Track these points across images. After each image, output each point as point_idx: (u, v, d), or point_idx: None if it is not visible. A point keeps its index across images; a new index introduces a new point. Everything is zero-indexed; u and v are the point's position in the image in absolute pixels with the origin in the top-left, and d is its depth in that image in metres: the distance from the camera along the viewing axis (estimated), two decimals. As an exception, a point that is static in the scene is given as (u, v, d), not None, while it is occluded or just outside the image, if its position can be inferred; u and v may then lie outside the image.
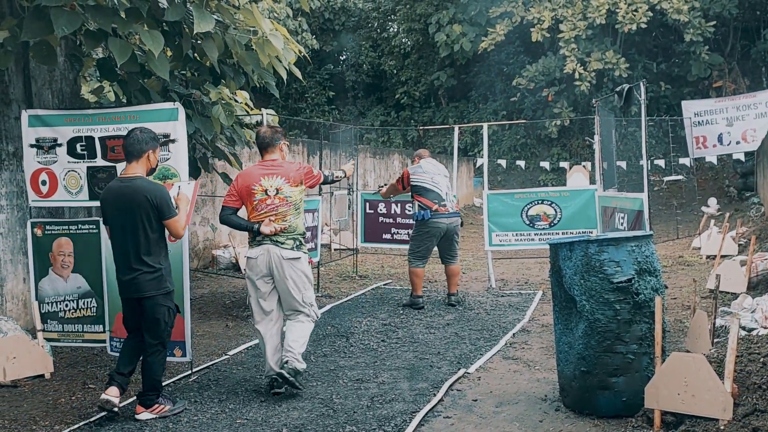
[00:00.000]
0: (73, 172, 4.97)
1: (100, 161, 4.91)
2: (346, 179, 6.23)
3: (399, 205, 8.81)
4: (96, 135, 4.89)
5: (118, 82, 5.77)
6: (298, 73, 6.17)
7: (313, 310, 4.58)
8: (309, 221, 7.35)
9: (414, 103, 23.09)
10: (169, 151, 4.70)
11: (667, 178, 16.11)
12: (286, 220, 4.46)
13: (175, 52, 5.62)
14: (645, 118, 6.88)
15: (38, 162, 5.02)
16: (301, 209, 4.62)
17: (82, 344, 5.20)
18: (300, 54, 6.11)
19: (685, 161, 13.93)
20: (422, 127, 18.49)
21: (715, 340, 4.90)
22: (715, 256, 7.91)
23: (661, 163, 14.00)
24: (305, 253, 4.60)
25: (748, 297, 6.02)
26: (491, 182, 16.46)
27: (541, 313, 6.76)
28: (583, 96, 17.58)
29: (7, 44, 4.86)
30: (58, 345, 5.25)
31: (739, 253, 8.76)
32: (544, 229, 8.11)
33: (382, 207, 8.95)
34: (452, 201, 7.11)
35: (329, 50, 23.26)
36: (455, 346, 5.58)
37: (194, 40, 5.40)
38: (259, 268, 4.45)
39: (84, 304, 5.07)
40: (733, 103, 15.93)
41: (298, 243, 4.52)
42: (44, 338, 5.06)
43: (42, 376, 4.84)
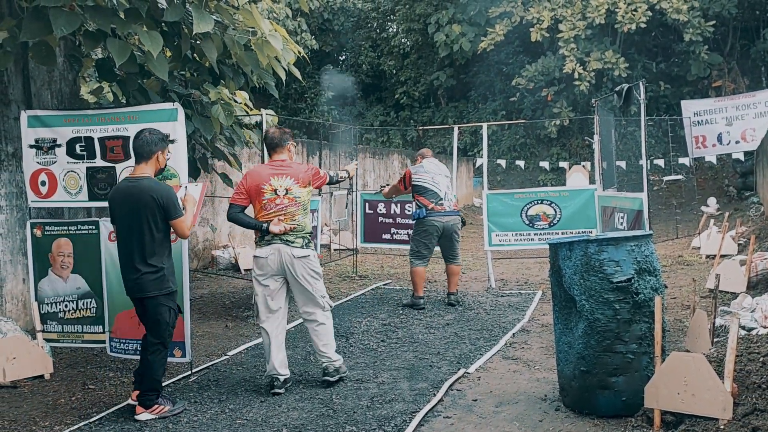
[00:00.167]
0: (73, 172, 4.97)
1: (99, 162, 4.91)
2: (349, 179, 6.29)
3: (399, 205, 8.81)
4: (95, 135, 4.89)
5: (117, 83, 5.77)
6: (297, 74, 6.17)
7: (326, 301, 4.69)
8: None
9: (413, 103, 23.10)
10: (168, 152, 4.69)
11: (667, 178, 16.10)
12: (295, 220, 4.54)
13: (174, 53, 5.63)
14: (644, 117, 6.89)
15: (37, 162, 5.02)
16: (309, 209, 4.70)
17: (81, 345, 5.20)
18: (299, 54, 6.10)
19: (685, 161, 13.93)
20: (422, 127, 18.50)
21: (715, 340, 4.90)
22: (715, 256, 7.91)
23: (661, 162, 14.00)
24: (314, 251, 4.70)
25: (748, 296, 6.02)
26: (491, 182, 16.46)
27: (540, 312, 6.76)
28: (583, 96, 17.58)
29: (6, 45, 4.87)
30: (58, 345, 5.25)
31: (738, 253, 8.76)
32: (544, 229, 8.11)
33: (381, 207, 8.95)
34: (451, 201, 7.10)
35: (329, 50, 23.26)
36: (455, 346, 5.58)
37: (193, 41, 5.41)
38: (269, 267, 4.52)
39: (83, 304, 5.07)
40: (732, 103, 15.93)
41: (306, 241, 4.60)
42: (44, 339, 5.06)
43: (42, 377, 4.85)
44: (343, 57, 25.39)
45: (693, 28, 16.13)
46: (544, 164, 14.22)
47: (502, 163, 14.32)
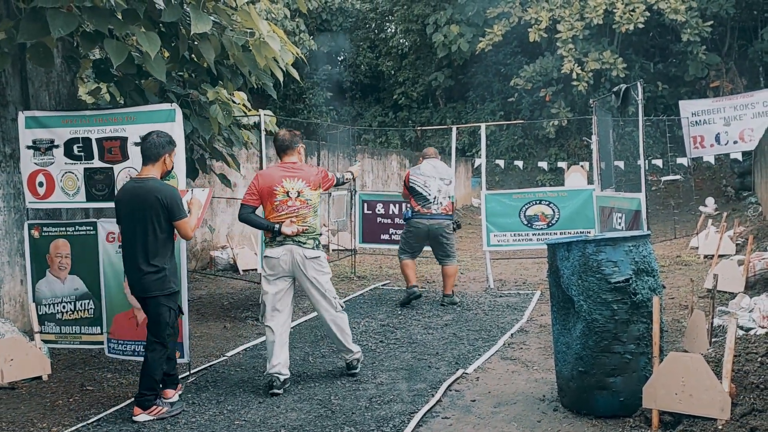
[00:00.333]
0: (70, 173, 4.97)
1: (97, 162, 4.91)
2: (353, 181, 6.37)
3: (397, 206, 8.81)
4: (93, 136, 4.89)
5: (115, 83, 5.77)
6: (295, 74, 6.17)
7: (338, 302, 4.79)
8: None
9: (412, 104, 23.10)
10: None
11: (665, 178, 16.11)
12: (306, 222, 4.63)
13: (172, 54, 5.62)
14: (642, 118, 6.89)
15: (35, 163, 5.02)
16: (318, 211, 4.78)
17: (79, 346, 5.20)
18: (297, 56, 6.10)
19: (683, 161, 13.92)
20: (420, 128, 18.50)
21: (713, 340, 4.90)
22: (713, 256, 7.92)
23: (659, 162, 14.00)
24: (323, 252, 4.79)
25: (746, 296, 6.02)
26: (489, 182, 16.47)
27: (539, 313, 6.76)
28: (581, 96, 17.60)
29: (3, 46, 4.86)
30: (56, 347, 5.24)
31: (736, 253, 8.76)
32: (542, 229, 8.11)
33: (380, 207, 8.95)
34: (440, 204, 7.10)
35: (327, 51, 23.26)
36: (453, 347, 5.58)
37: (191, 42, 5.40)
38: (281, 267, 4.59)
39: (81, 305, 5.06)
40: (730, 103, 15.93)
41: (317, 243, 4.71)
42: (42, 340, 5.05)
43: (39, 378, 4.84)
44: (342, 57, 25.39)
45: (691, 29, 16.15)
46: (543, 164, 14.21)
47: (501, 163, 14.32)
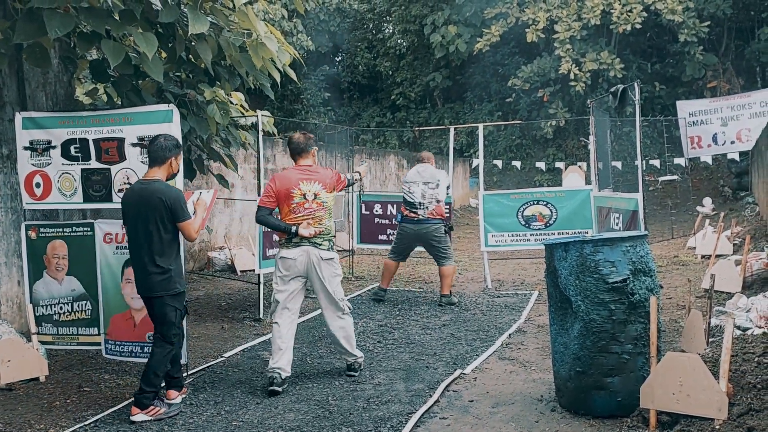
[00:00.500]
0: (67, 174, 4.96)
1: (94, 163, 4.89)
2: (360, 181, 6.54)
3: (395, 207, 8.82)
4: (90, 137, 4.87)
5: (112, 84, 5.75)
6: (293, 75, 6.16)
7: (345, 304, 4.84)
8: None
9: (409, 104, 23.10)
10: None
11: (662, 178, 16.13)
12: (322, 224, 4.73)
13: (169, 54, 5.61)
14: (639, 118, 6.90)
15: (32, 164, 5.01)
16: (332, 213, 4.87)
17: (76, 347, 5.18)
18: (295, 57, 6.10)
19: (680, 161, 13.98)
20: (418, 128, 18.50)
21: (710, 340, 4.91)
22: (710, 256, 7.93)
23: (656, 163, 14.03)
24: (336, 254, 4.90)
25: (743, 296, 6.03)
26: (487, 183, 16.48)
27: (536, 313, 6.77)
28: (578, 96, 17.61)
29: (0, 47, 4.85)
30: (53, 348, 5.23)
31: (733, 253, 8.77)
32: (540, 230, 8.12)
33: (377, 208, 8.96)
34: (427, 209, 7.15)
35: (325, 51, 23.26)
36: (451, 347, 5.58)
37: (188, 42, 5.39)
38: (296, 268, 4.68)
39: (78, 306, 5.05)
40: (727, 103, 15.97)
41: (331, 244, 4.82)
42: (39, 341, 5.04)
43: (37, 379, 4.83)
44: (339, 58, 25.39)
45: (688, 29, 16.17)
46: (540, 165, 14.26)
47: (499, 163, 14.34)
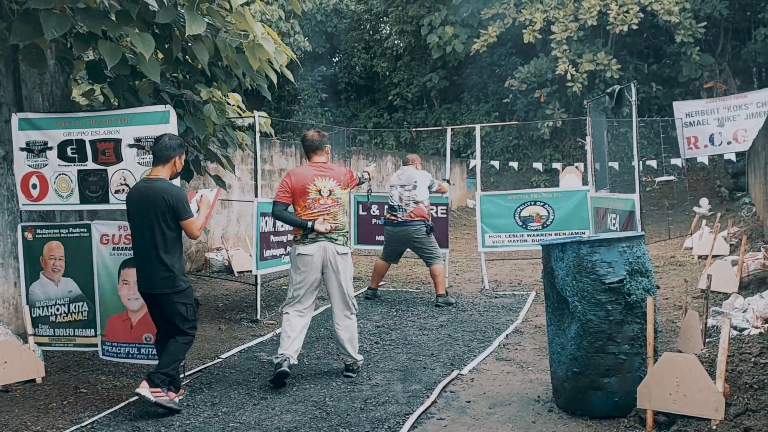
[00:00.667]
0: (64, 175, 4.95)
1: (90, 164, 4.88)
2: (369, 181, 6.64)
3: (392, 207, 8.81)
4: (87, 138, 4.86)
5: (109, 85, 5.75)
6: (290, 76, 6.16)
7: (353, 303, 4.92)
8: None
9: (407, 105, 23.12)
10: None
11: (659, 179, 16.17)
12: (337, 220, 4.83)
13: (166, 55, 5.61)
14: (636, 119, 6.91)
15: (29, 165, 4.99)
16: (346, 209, 4.96)
17: (73, 348, 5.17)
18: (292, 58, 6.09)
19: (677, 162, 14.00)
20: (415, 129, 18.51)
21: (707, 340, 4.91)
22: (707, 256, 7.94)
23: (653, 163, 14.06)
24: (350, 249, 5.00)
25: (740, 297, 6.04)
26: (484, 183, 16.50)
27: (534, 314, 6.77)
28: (575, 97, 17.64)
29: (-4, 47, 4.84)
30: (50, 349, 5.21)
31: (730, 253, 8.79)
32: (537, 230, 8.12)
33: (374, 209, 8.96)
34: (405, 211, 7.20)
35: (322, 52, 23.27)
36: (448, 348, 5.58)
37: (185, 43, 5.39)
38: (314, 263, 4.77)
39: (75, 308, 5.04)
40: (724, 104, 16.01)
41: (345, 239, 4.92)
42: (35, 342, 5.03)
43: (33, 381, 4.81)
44: (336, 59, 25.40)
45: (684, 30, 16.21)
46: (538, 165, 14.25)
47: (496, 164, 14.32)
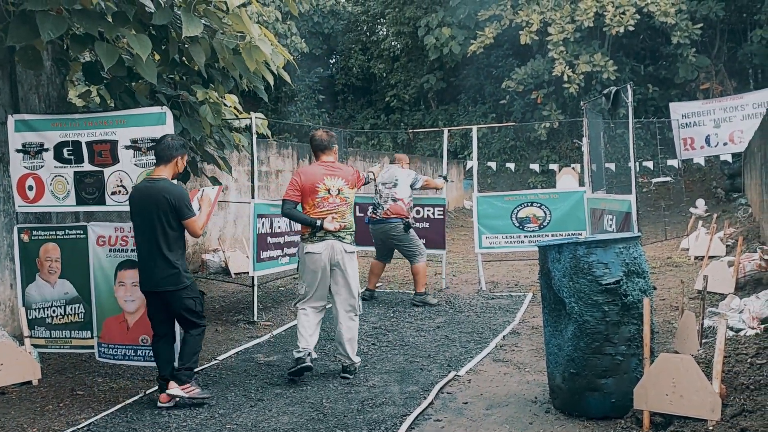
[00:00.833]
0: (60, 177, 4.94)
1: (87, 166, 4.88)
2: (374, 181, 6.83)
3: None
4: (83, 140, 4.86)
5: (105, 86, 5.74)
6: (286, 77, 6.16)
7: (358, 303, 4.97)
8: (299, 225, 7.32)
9: (404, 106, 23.13)
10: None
11: (655, 180, 16.19)
12: (345, 219, 4.89)
13: (163, 56, 5.60)
14: (632, 120, 6.91)
15: (25, 167, 4.99)
16: (353, 208, 5.07)
17: (69, 350, 5.17)
18: (289, 60, 6.09)
19: (673, 163, 14.02)
20: (412, 130, 18.49)
21: (703, 341, 4.92)
22: (703, 257, 7.96)
23: (650, 164, 14.09)
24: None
25: (736, 298, 6.05)
26: (481, 185, 16.47)
27: (531, 315, 6.78)
28: (572, 98, 17.67)
29: (-8, 49, 4.83)
30: (46, 351, 5.21)
31: (726, 254, 8.80)
32: (534, 231, 8.13)
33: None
34: (383, 208, 7.26)
35: (319, 54, 23.27)
36: (445, 349, 5.58)
37: (181, 45, 5.38)
38: (322, 261, 4.81)
39: (71, 309, 5.04)
40: (720, 105, 16.04)
41: (353, 238, 4.98)
42: (31, 344, 5.02)
43: (29, 383, 4.80)
44: (333, 60, 25.40)
45: (680, 31, 16.24)
46: (534, 167, 14.28)
47: (493, 165, 14.37)
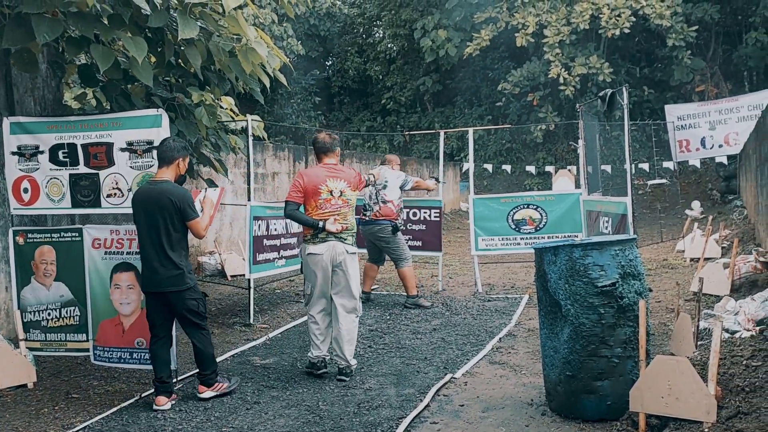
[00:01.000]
0: (56, 179, 4.93)
1: (82, 168, 4.87)
2: (374, 183, 6.96)
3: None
4: (78, 142, 4.85)
5: (101, 88, 5.73)
6: (282, 79, 6.15)
7: (358, 304, 5.01)
8: (295, 227, 7.33)
9: (400, 109, 23.13)
10: (153, 158, 4.69)
11: (651, 182, 16.22)
12: (347, 220, 4.94)
13: (159, 59, 5.59)
14: (628, 122, 6.93)
15: (20, 169, 4.98)
16: (354, 210, 5.10)
17: (65, 353, 5.15)
18: (285, 62, 6.09)
19: (669, 165, 14.06)
20: (408, 132, 18.53)
21: (699, 343, 4.93)
22: (699, 259, 7.97)
23: (645, 166, 14.12)
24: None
25: (731, 299, 6.06)
26: (477, 187, 16.50)
27: (527, 317, 6.78)
28: (568, 100, 17.70)
29: (-13, 51, 4.82)
30: (41, 354, 5.19)
31: (722, 256, 8.83)
32: (530, 234, 8.14)
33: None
34: (372, 210, 7.27)
35: (315, 56, 23.27)
36: (442, 352, 5.58)
37: (177, 47, 5.38)
38: (324, 262, 4.86)
39: (67, 312, 5.02)
40: (715, 107, 16.09)
41: (354, 239, 5.03)
42: (27, 347, 5.01)
43: (25, 386, 4.79)
44: (330, 62, 25.40)
45: (676, 34, 16.29)
46: (531, 169, 14.30)
47: (489, 167, 14.39)
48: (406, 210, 8.46)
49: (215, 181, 7.26)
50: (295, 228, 7.34)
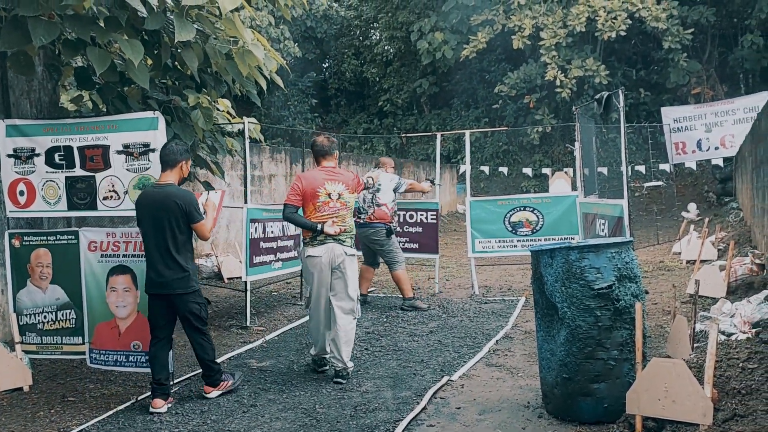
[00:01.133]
0: (52, 182, 4.92)
1: (78, 171, 4.86)
2: (372, 186, 6.97)
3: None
4: (74, 144, 4.85)
5: (97, 91, 5.72)
6: (279, 82, 6.16)
7: (357, 306, 5.02)
8: (292, 230, 7.33)
9: (396, 111, 23.17)
10: (149, 161, 4.69)
11: (648, 184, 16.26)
12: (345, 222, 4.96)
13: (155, 61, 5.59)
14: (624, 124, 6.94)
15: (16, 172, 4.97)
16: (353, 212, 5.12)
17: (61, 356, 5.13)
18: (282, 64, 6.09)
19: (665, 167, 14.08)
20: (405, 135, 18.53)
21: (695, 345, 4.94)
22: (695, 261, 7.99)
23: (642, 169, 14.14)
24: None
25: (727, 302, 6.08)
26: (474, 189, 16.53)
27: (524, 319, 6.78)
28: (564, 103, 17.75)
29: (-17, 54, 4.81)
30: (37, 357, 5.17)
31: (718, 258, 8.85)
32: (527, 236, 8.15)
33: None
34: (366, 213, 7.26)
35: (312, 58, 23.29)
36: (438, 354, 5.58)
37: (174, 49, 5.37)
38: (323, 264, 4.88)
39: (63, 315, 5.01)
40: (711, 110, 16.13)
41: (353, 242, 5.05)
42: (23, 350, 4.99)
43: (21, 389, 4.78)
44: (327, 64, 25.42)
45: (672, 36, 16.35)
46: (527, 171, 14.31)
47: (486, 169, 14.37)
48: (403, 212, 8.47)
49: (212, 183, 7.26)
50: (292, 230, 7.34)
